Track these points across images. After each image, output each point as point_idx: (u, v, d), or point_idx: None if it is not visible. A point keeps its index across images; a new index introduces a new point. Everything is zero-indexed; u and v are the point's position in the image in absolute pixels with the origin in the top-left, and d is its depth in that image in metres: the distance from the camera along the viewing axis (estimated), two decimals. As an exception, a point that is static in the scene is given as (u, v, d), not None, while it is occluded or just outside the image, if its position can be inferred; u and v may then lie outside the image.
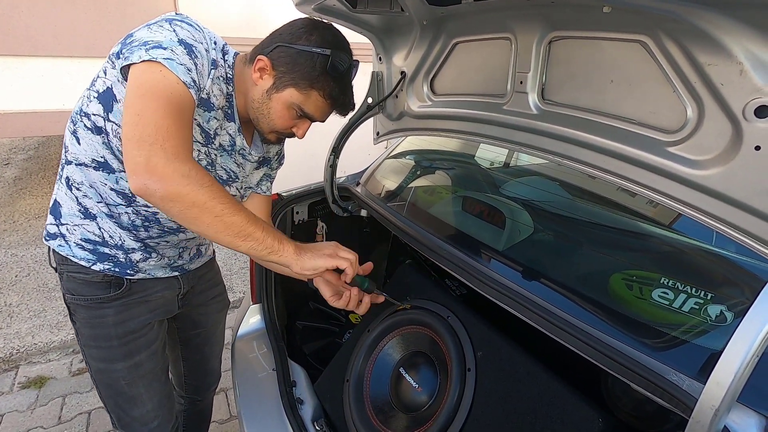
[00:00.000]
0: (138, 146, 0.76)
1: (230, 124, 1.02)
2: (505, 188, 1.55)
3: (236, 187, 1.13)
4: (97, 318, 1.06)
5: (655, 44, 0.75)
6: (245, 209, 0.85)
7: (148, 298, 1.12)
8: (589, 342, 0.83)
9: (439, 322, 1.09)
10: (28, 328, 2.67)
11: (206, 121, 0.96)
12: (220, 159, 1.05)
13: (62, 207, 1.02)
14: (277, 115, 0.97)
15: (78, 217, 1.01)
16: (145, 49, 0.81)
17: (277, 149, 1.23)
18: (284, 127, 1.00)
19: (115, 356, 1.09)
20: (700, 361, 0.75)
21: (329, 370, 1.28)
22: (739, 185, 0.69)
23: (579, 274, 1.10)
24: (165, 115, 0.79)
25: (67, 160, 0.99)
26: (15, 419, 2.11)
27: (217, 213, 0.80)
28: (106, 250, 1.03)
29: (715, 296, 0.88)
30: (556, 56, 0.94)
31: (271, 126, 1.00)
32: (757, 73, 0.63)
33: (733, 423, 0.66)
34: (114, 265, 1.04)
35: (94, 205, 1.00)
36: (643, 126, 0.82)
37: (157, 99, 0.79)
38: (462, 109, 1.21)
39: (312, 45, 0.94)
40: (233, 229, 0.82)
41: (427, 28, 1.19)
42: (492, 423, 0.92)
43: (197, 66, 0.86)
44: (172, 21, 0.87)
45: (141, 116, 0.78)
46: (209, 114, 0.96)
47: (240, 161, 1.09)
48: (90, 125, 0.92)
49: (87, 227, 1.02)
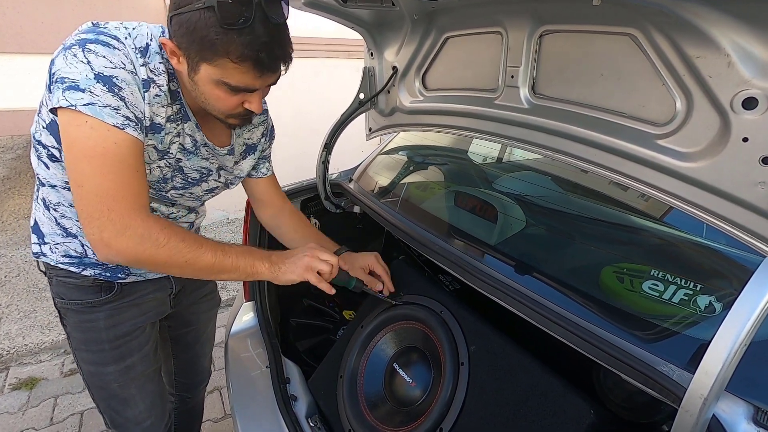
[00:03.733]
0: (88, 222, 0.77)
1: (186, 123, 0.94)
2: (498, 183, 1.55)
3: (214, 179, 1.08)
4: (87, 322, 1.05)
5: (645, 37, 0.75)
6: (211, 247, 0.86)
7: (140, 301, 1.10)
8: (581, 334, 0.83)
9: (432, 317, 1.09)
10: (18, 329, 2.63)
11: (161, 142, 0.90)
12: (187, 162, 0.99)
13: (42, 227, 1.00)
14: (214, 98, 0.84)
15: (59, 236, 0.99)
16: (62, 89, 0.74)
17: (261, 132, 1.16)
18: (231, 108, 0.87)
19: (106, 360, 1.08)
20: (690, 351, 0.76)
21: (323, 366, 1.28)
22: (727, 177, 0.70)
23: (571, 267, 1.10)
24: (104, 178, 0.76)
25: (41, 182, 0.96)
26: (6, 421, 2.08)
27: (181, 264, 0.83)
28: (92, 261, 1.02)
29: (704, 287, 0.89)
30: (547, 50, 0.94)
31: (218, 110, 0.88)
32: (745, 65, 0.64)
33: (721, 411, 0.67)
34: (104, 270, 1.03)
35: (73, 225, 0.98)
36: (633, 119, 0.82)
37: (91, 160, 0.75)
38: (454, 104, 1.21)
39: (195, 1, 0.74)
40: (204, 271, 0.86)
41: (418, 22, 1.18)
42: (485, 416, 0.93)
43: (125, 99, 0.78)
44: (85, 46, 0.76)
45: (82, 187, 0.76)
46: (160, 135, 0.89)
47: (207, 155, 1.03)
48: (49, 154, 0.89)
49: (69, 245, 1.00)
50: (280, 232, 1.29)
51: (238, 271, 0.89)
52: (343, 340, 1.26)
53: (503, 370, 0.94)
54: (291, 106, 4.11)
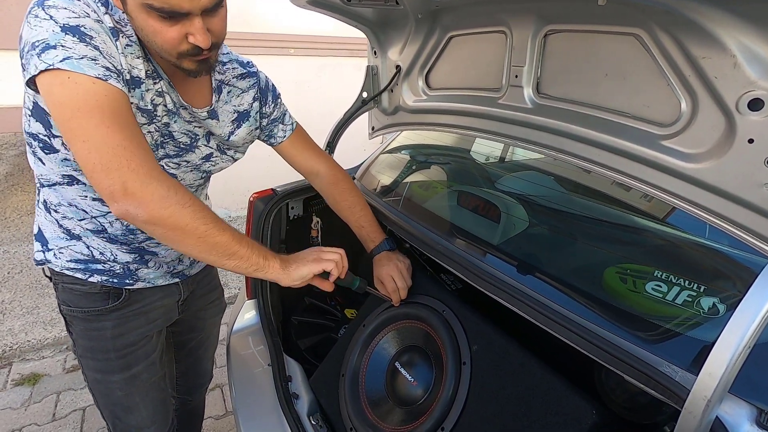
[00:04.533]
0: (106, 174, 0.70)
1: (162, 82, 0.87)
2: (501, 183, 1.55)
3: (204, 144, 1.00)
4: (94, 330, 1.02)
5: (650, 37, 0.75)
6: (229, 228, 0.82)
7: (148, 309, 1.08)
8: (584, 335, 0.83)
9: (434, 316, 1.09)
10: (21, 325, 2.64)
11: (141, 99, 0.84)
12: (175, 125, 0.92)
13: (46, 232, 0.97)
14: (152, 32, 0.76)
15: (63, 239, 0.96)
16: (36, 54, 0.70)
17: (252, 96, 1.07)
18: (173, 43, 0.77)
19: (112, 368, 1.05)
20: (693, 352, 0.76)
21: (325, 364, 1.28)
22: (732, 178, 0.70)
23: (573, 267, 1.10)
24: (111, 129, 0.71)
25: (41, 183, 0.93)
26: (8, 416, 2.09)
27: (200, 234, 0.77)
28: (99, 266, 0.98)
29: (708, 289, 0.89)
30: (552, 50, 0.93)
31: (163, 49, 0.78)
32: (751, 66, 0.63)
33: (724, 413, 0.67)
34: (111, 276, 1.00)
35: (75, 225, 0.95)
36: (638, 119, 0.82)
37: (89, 115, 0.70)
38: (457, 103, 1.21)
39: None
40: (218, 249, 0.80)
41: (422, 21, 1.18)
42: (487, 416, 0.93)
43: (100, 49, 0.73)
44: (44, 4, 0.73)
45: (88, 142, 0.70)
46: (141, 90, 0.83)
47: (189, 118, 0.95)
48: (42, 145, 0.85)
49: (74, 248, 0.96)
50: (337, 208, 1.24)
51: (249, 260, 0.84)
52: (345, 338, 1.26)
53: (505, 370, 0.94)
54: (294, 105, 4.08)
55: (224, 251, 0.80)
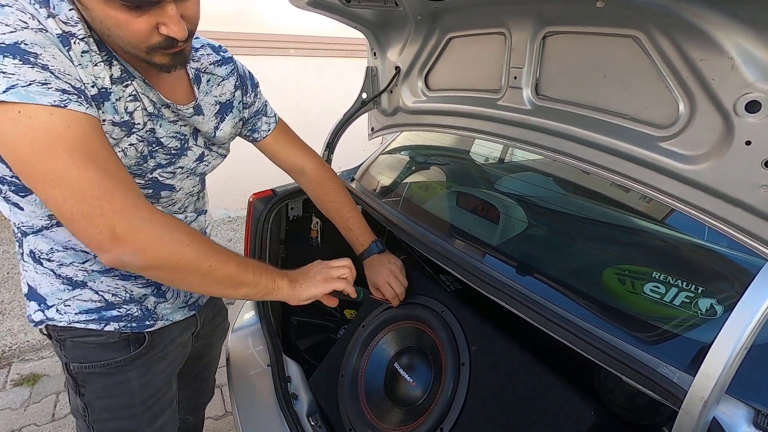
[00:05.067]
0: (89, 223, 0.61)
1: (134, 82, 0.74)
2: (500, 184, 1.55)
3: (193, 143, 0.90)
4: (117, 385, 0.90)
5: (648, 39, 0.75)
6: (232, 255, 0.75)
7: (168, 349, 0.99)
8: (582, 336, 0.83)
9: (433, 317, 1.09)
10: (20, 326, 2.64)
11: (114, 112, 0.71)
12: (161, 129, 0.80)
13: (40, 288, 0.84)
14: (115, 26, 0.63)
15: (65, 290, 0.83)
16: None
17: (233, 84, 0.96)
18: (142, 36, 0.65)
19: (139, 424, 0.94)
20: (691, 353, 0.76)
21: (324, 365, 1.28)
22: (729, 180, 0.70)
23: (572, 268, 1.10)
24: (83, 170, 0.60)
25: (22, 231, 0.80)
26: (8, 417, 2.09)
27: (204, 270, 0.70)
28: (115, 312, 0.87)
29: (706, 290, 0.89)
30: (550, 51, 0.94)
31: (131, 44, 0.66)
32: (748, 68, 0.64)
33: (722, 414, 0.67)
34: (129, 321, 0.89)
35: (78, 271, 0.82)
36: (636, 121, 0.82)
37: (53, 155, 0.59)
38: (457, 104, 1.21)
39: None
40: (225, 281, 0.74)
41: (422, 22, 1.18)
42: (486, 416, 0.93)
43: (49, 68, 0.60)
44: None
45: (59, 188, 0.60)
46: (110, 102, 0.70)
47: (174, 117, 0.83)
48: (14, 188, 0.73)
49: (81, 297, 0.84)
50: (324, 208, 1.16)
51: (258, 286, 0.78)
52: (344, 339, 1.26)
53: (504, 371, 0.95)
54: (293, 105, 4.12)
55: (231, 283, 0.75)
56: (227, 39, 3.34)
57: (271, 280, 0.81)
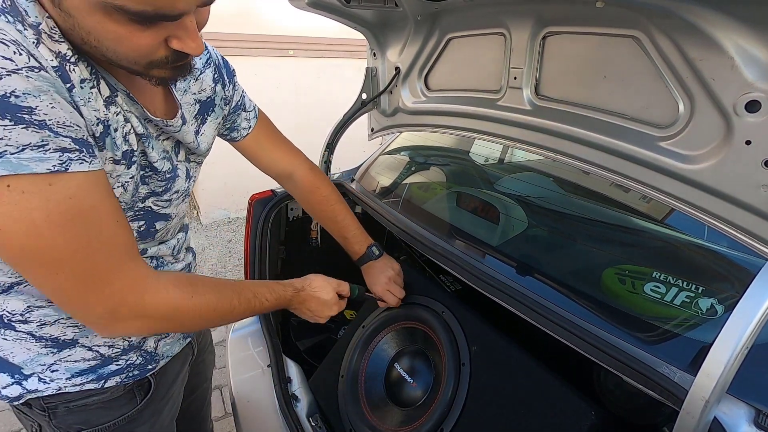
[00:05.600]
0: (91, 308, 0.56)
1: (117, 97, 0.61)
2: (500, 184, 1.55)
3: (177, 159, 0.77)
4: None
5: (648, 39, 0.75)
6: (241, 287, 0.74)
7: (171, 390, 0.90)
8: (583, 336, 0.83)
9: (433, 317, 1.09)
10: None
11: (114, 148, 0.60)
12: (153, 152, 0.68)
13: (13, 356, 0.69)
14: (112, 39, 0.50)
15: (48, 354, 0.70)
16: None
17: (211, 77, 0.82)
18: (142, 51, 0.53)
19: None
20: (691, 353, 0.76)
21: (324, 365, 1.28)
22: (729, 179, 0.70)
23: (572, 268, 1.11)
24: (90, 248, 0.53)
25: None
26: (8, 417, 2.09)
27: (214, 309, 0.68)
28: (113, 366, 0.75)
29: (706, 290, 0.89)
30: (550, 51, 0.94)
31: (128, 59, 0.54)
32: (748, 68, 0.64)
33: (722, 414, 0.67)
34: (132, 370, 0.78)
35: (66, 328, 0.69)
36: (636, 121, 0.82)
37: (54, 236, 0.50)
38: (456, 104, 1.21)
39: None
40: (236, 313, 0.73)
41: (422, 23, 1.18)
42: (486, 417, 0.93)
43: (48, 123, 0.47)
44: None
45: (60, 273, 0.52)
46: (113, 136, 0.60)
47: (156, 133, 0.71)
48: None
49: (71, 357, 0.71)
50: (318, 216, 1.10)
51: (269, 306, 0.79)
52: (345, 339, 1.26)
53: (504, 371, 0.95)
54: (293, 106, 4.12)
55: (244, 312, 0.74)
56: (227, 40, 3.34)
57: (284, 301, 0.84)
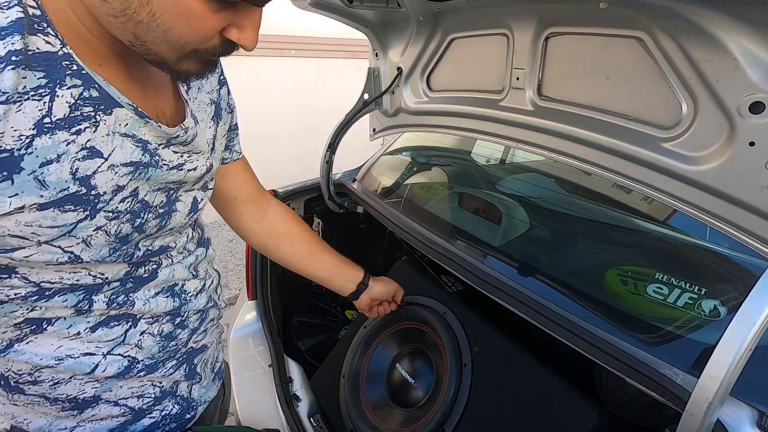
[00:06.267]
0: None
1: (116, 110, 0.50)
2: (502, 185, 1.55)
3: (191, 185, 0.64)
4: None
5: (651, 40, 0.75)
6: None
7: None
8: (585, 337, 0.83)
9: (435, 317, 1.09)
10: None
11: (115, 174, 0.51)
12: (146, 183, 0.56)
13: (30, 424, 0.60)
14: (178, 17, 0.44)
15: (69, 417, 0.60)
16: None
17: (217, 78, 0.71)
18: (201, 35, 0.47)
19: None
20: (694, 355, 0.76)
21: (325, 366, 1.28)
22: (733, 181, 0.70)
23: (574, 269, 1.10)
24: None
25: None
26: (8, 417, 2.09)
27: None
28: (147, 420, 0.65)
29: (709, 291, 0.89)
30: (553, 52, 0.94)
31: (179, 41, 0.46)
32: (752, 69, 0.64)
33: (726, 416, 0.67)
34: (169, 422, 0.67)
35: (84, 386, 0.59)
36: (639, 122, 0.82)
37: None
38: (458, 105, 1.21)
39: None
40: None
41: (424, 23, 1.18)
42: (488, 417, 0.93)
43: None
44: None
45: None
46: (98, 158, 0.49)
47: (161, 141, 0.56)
48: None
49: (95, 417, 0.61)
50: (281, 248, 0.90)
51: None
52: (346, 339, 1.26)
53: (506, 372, 0.94)
54: (295, 106, 4.12)
55: None
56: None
57: None
